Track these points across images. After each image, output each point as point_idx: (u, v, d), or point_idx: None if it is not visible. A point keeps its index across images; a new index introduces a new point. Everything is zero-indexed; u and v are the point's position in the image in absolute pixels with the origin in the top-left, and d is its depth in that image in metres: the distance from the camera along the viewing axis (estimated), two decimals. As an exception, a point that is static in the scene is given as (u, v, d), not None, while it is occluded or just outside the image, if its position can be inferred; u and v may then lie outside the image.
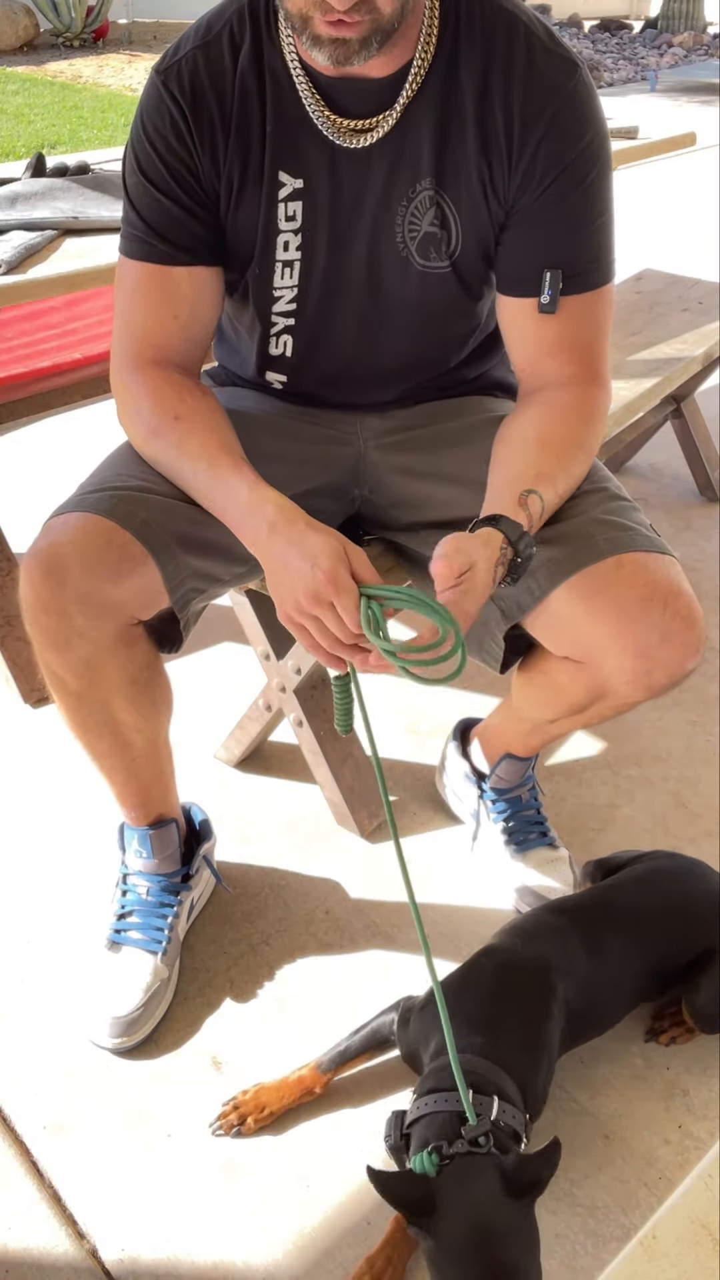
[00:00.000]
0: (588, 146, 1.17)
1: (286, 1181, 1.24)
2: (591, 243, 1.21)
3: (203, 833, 1.55)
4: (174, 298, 1.24)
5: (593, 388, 1.26)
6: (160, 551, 1.20)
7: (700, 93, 10.08)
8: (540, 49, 1.15)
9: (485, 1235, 0.99)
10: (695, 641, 1.20)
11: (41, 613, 1.18)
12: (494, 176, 1.19)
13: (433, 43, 1.15)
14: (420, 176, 1.19)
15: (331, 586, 1.06)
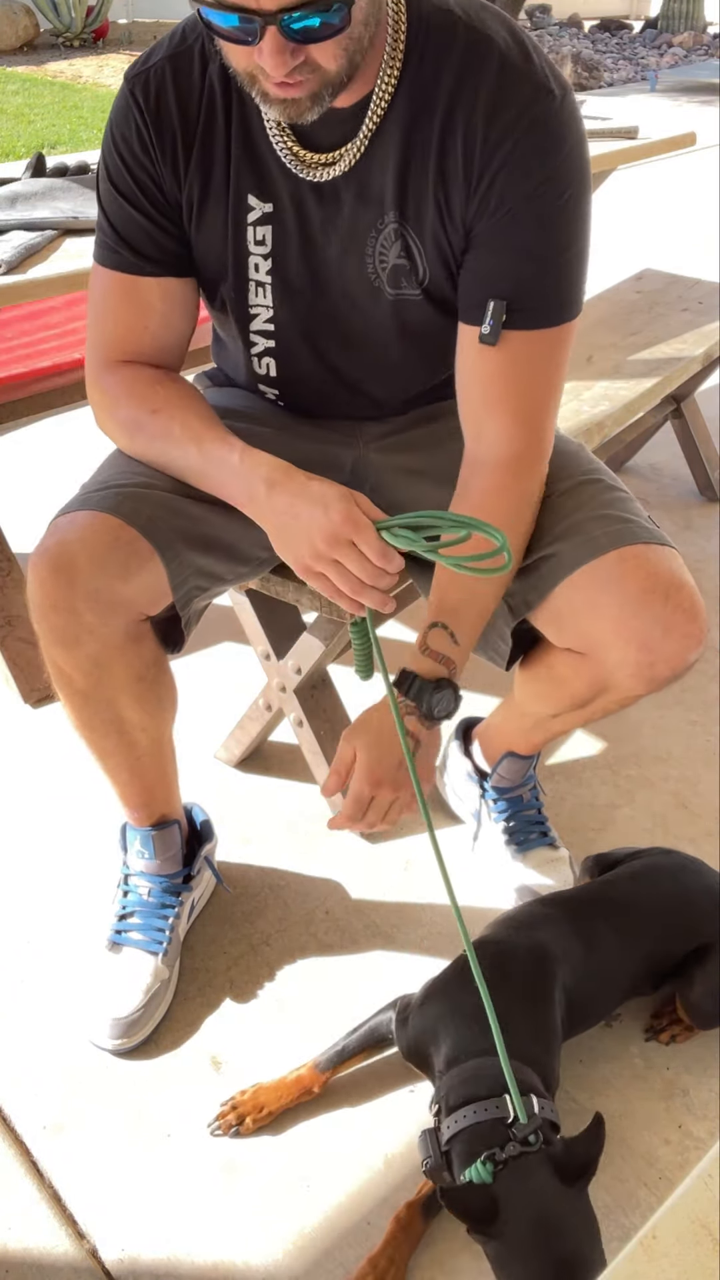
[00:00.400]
0: (552, 176, 1.10)
1: (286, 1181, 1.24)
2: (547, 278, 1.14)
3: (204, 833, 1.55)
4: (143, 308, 1.23)
5: (527, 466, 1.21)
6: (165, 548, 1.20)
7: (700, 93, 10.08)
8: (512, 72, 1.08)
9: (551, 1229, 1.01)
10: (697, 633, 1.20)
11: (51, 610, 1.18)
12: (451, 206, 1.14)
13: (396, 70, 1.09)
14: (385, 210, 1.15)
15: (350, 525, 1.06)
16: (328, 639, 1.54)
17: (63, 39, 10.17)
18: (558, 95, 1.09)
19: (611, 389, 2.04)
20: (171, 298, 1.24)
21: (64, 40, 10.18)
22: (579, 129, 1.12)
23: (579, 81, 10.00)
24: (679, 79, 10.51)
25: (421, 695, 1.18)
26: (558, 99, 1.09)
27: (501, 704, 1.62)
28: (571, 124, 1.10)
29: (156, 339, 1.25)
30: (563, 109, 1.09)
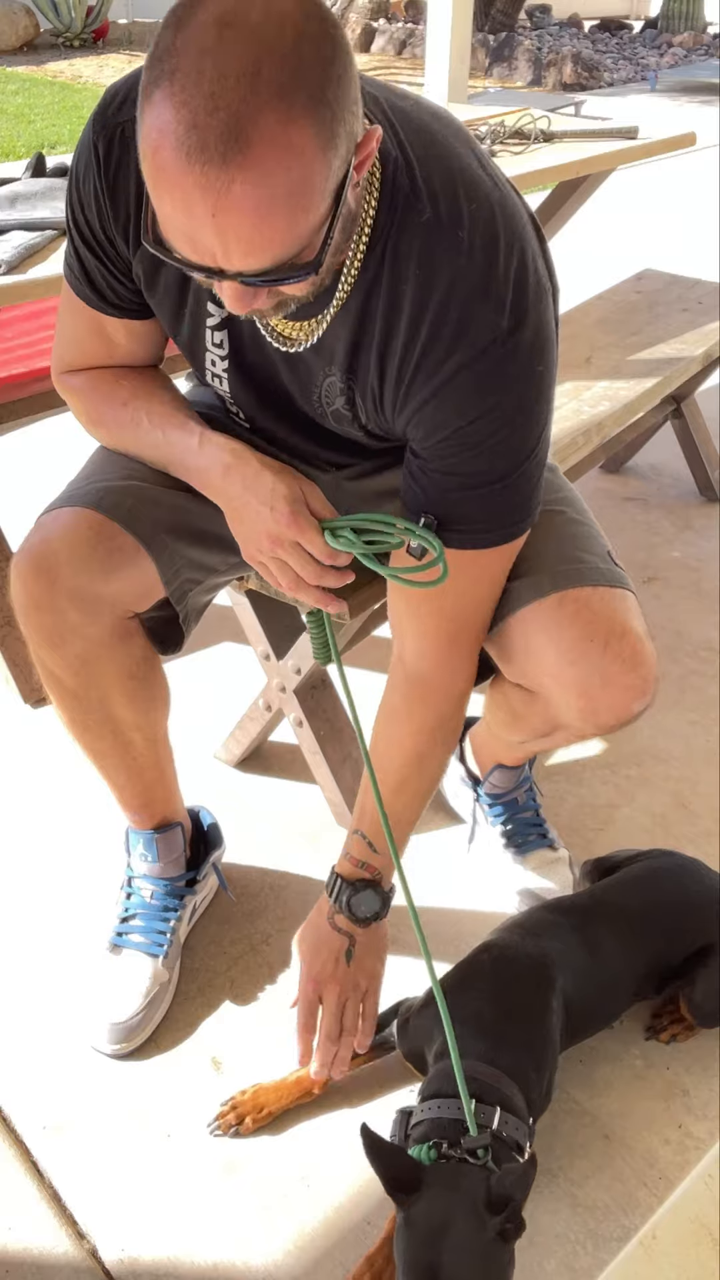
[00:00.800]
0: (481, 418, 1.00)
1: (286, 1181, 1.24)
2: (483, 504, 1.06)
3: (212, 837, 1.55)
4: (106, 340, 1.19)
5: (434, 693, 1.20)
6: (150, 541, 1.20)
7: (700, 93, 10.08)
8: (467, 299, 0.96)
9: (447, 1241, 0.98)
10: (639, 684, 1.16)
11: (34, 610, 1.18)
12: (383, 402, 1.06)
13: (360, 252, 0.98)
14: (333, 365, 1.07)
15: (294, 528, 1.06)
16: (328, 639, 1.54)
17: (63, 39, 10.18)
18: (518, 331, 0.97)
19: (611, 389, 2.04)
20: (137, 336, 1.19)
21: (64, 40, 10.18)
22: (531, 360, 0.99)
23: (579, 81, 10.00)
24: (679, 79, 10.51)
25: (340, 896, 1.28)
26: (506, 334, 0.97)
27: (483, 717, 1.62)
28: (519, 358, 0.98)
29: (122, 363, 1.23)
30: (513, 344, 0.97)
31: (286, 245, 0.81)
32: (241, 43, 0.74)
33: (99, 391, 1.23)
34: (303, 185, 0.78)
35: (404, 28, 11.23)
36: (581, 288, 2.99)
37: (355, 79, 0.82)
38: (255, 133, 0.75)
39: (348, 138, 0.81)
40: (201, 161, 0.75)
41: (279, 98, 0.75)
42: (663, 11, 12.90)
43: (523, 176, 2.30)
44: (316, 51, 0.76)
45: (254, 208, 0.77)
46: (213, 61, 0.74)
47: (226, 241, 0.80)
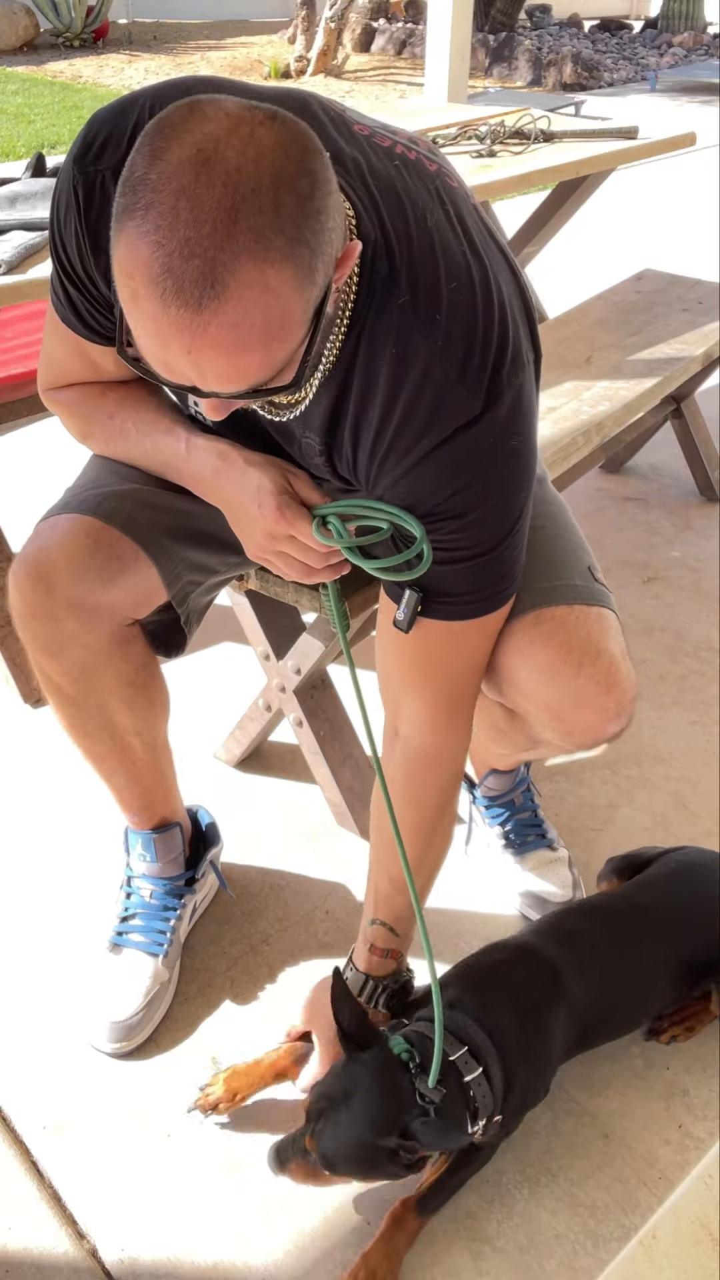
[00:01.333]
0: (456, 494, 0.99)
1: (286, 1181, 1.24)
2: (467, 577, 1.05)
3: (210, 836, 1.55)
4: (91, 363, 1.18)
5: (446, 754, 1.18)
6: (150, 544, 1.20)
7: (700, 93, 10.08)
8: (442, 385, 0.95)
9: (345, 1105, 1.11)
10: (612, 706, 1.15)
11: (32, 619, 1.18)
12: (358, 470, 1.06)
13: (341, 333, 0.97)
14: (310, 430, 1.06)
15: (284, 522, 1.06)
16: (327, 639, 1.54)
17: (63, 39, 10.18)
18: (480, 411, 0.96)
19: (611, 389, 2.04)
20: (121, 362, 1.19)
21: (64, 40, 10.19)
22: (505, 436, 0.98)
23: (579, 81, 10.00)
24: (679, 79, 10.51)
25: (377, 998, 1.26)
26: (479, 415, 0.96)
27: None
28: (492, 435, 0.97)
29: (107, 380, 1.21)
30: (486, 421, 0.96)
31: (263, 372, 0.81)
32: (219, 186, 0.73)
33: (86, 405, 1.22)
34: (280, 322, 0.78)
35: (404, 28, 11.23)
36: (581, 288, 2.99)
37: (333, 202, 0.80)
38: (231, 279, 0.74)
39: (325, 266, 0.80)
40: (177, 305, 0.75)
41: (256, 243, 0.74)
42: (663, 11, 12.90)
43: (523, 176, 2.30)
44: (294, 190, 0.76)
45: (230, 346, 0.77)
46: (189, 204, 0.73)
47: (203, 373, 0.80)
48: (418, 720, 1.16)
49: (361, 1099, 1.11)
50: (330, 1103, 1.12)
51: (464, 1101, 1.12)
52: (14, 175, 2.15)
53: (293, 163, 0.76)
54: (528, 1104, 1.23)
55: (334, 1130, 1.11)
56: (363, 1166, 1.13)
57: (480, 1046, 1.15)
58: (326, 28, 9.37)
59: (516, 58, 10.46)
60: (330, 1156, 1.12)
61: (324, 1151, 1.12)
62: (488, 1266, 1.16)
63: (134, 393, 1.21)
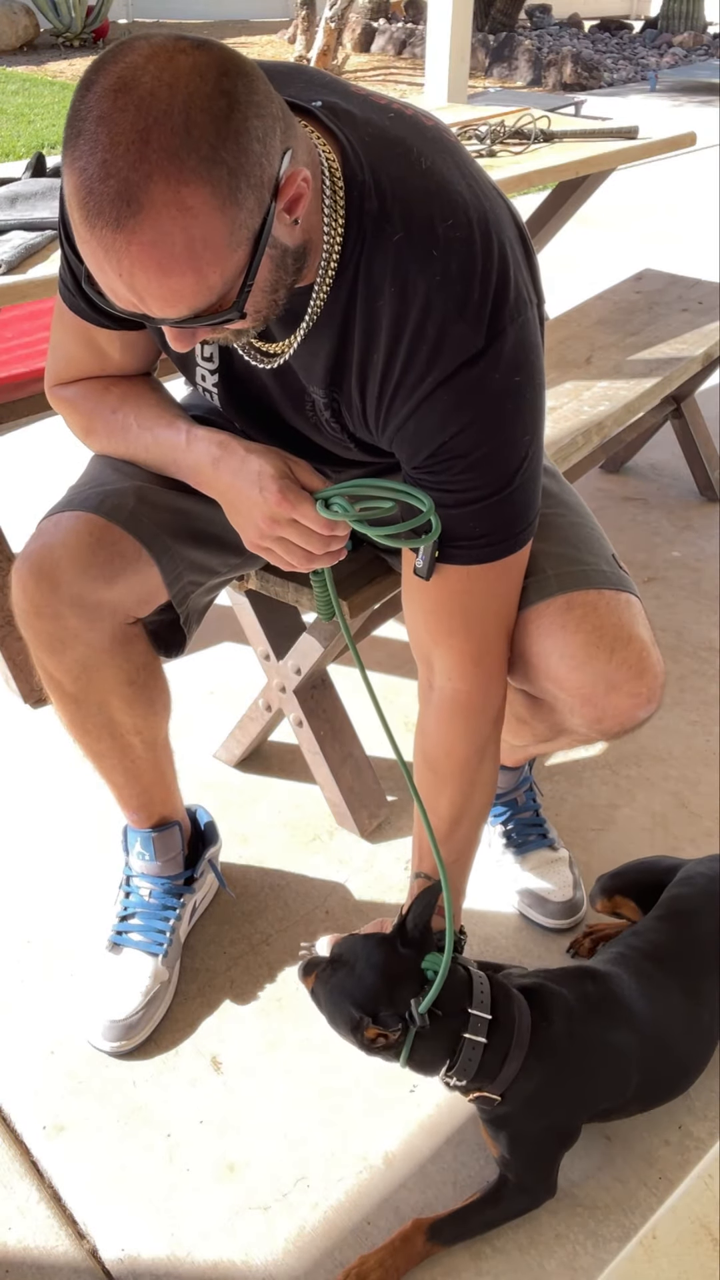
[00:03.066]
0: (462, 432, 0.99)
1: (286, 1181, 1.24)
2: (481, 519, 1.05)
3: (208, 835, 1.55)
4: (99, 352, 1.20)
5: (479, 702, 1.16)
6: (153, 543, 1.20)
7: (700, 93, 10.08)
8: (443, 318, 0.95)
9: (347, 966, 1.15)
10: (645, 691, 1.16)
11: (35, 616, 1.18)
12: (368, 418, 1.06)
13: (330, 271, 0.98)
14: (316, 384, 1.07)
15: (286, 505, 1.06)
16: (327, 639, 1.54)
17: (63, 39, 10.18)
18: (483, 346, 0.96)
19: (611, 389, 2.04)
20: (129, 348, 1.20)
21: (64, 40, 10.18)
22: (509, 372, 0.98)
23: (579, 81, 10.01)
24: (679, 79, 10.51)
25: None
26: (482, 350, 0.96)
27: None
28: (496, 371, 0.97)
29: (113, 374, 1.23)
30: (490, 358, 0.96)
31: (200, 296, 0.83)
32: (133, 110, 0.76)
33: (90, 400, 1.23)
34: (204, 242, 0.80)
35: (404, 28, 11.23)
36: (581, 288, 2.99)
37: (264, 126, 0.81)
38: (145, 197, 0.76)
39: (255, 188, 0.81)
40: (100, 224, 0.78)
41: (168, 162, 0.76)
42: (663, 11, 12.90)
43: (523, 176, 2.30)
44: (207, 111, 0.77)
45: (156, 266, 0.80)
46: (106, 129, 0.76)
47: (140, 295, 0.83)
48: (447, 670, 1.16)
49: (362, 970, 1.14)
50: (345, 956, 1.16)
51: (448, 1049, 1.13)
52: (14, 175, 2.15)
53: (208, 84, 0.77)
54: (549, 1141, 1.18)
55: (330, 979, 1.16)
56: (333, 1021, 1.17)
57: (510, 1026, 1.14)
58: (326, 28, 9.36)
59: (516, 58, 10.46)
60: (318, 999, 1.18)
61: (316, 990, 1.17)
62: (488, 1266, 1.16)
63: (137, 388, 1.22)
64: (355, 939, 1.19)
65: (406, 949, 1.15)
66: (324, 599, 1.21)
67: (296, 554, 1.10)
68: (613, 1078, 1.20)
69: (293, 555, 1.10)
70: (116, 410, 1.21)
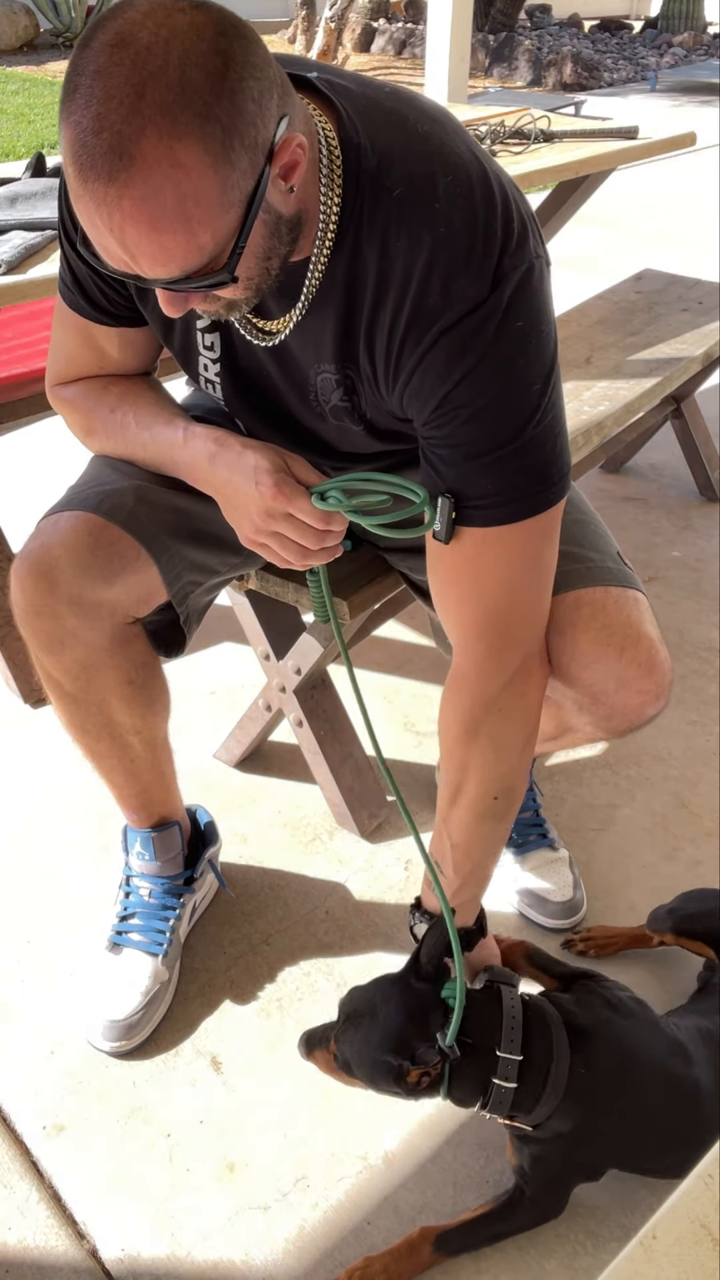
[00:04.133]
0: (465, 379, 0.97)
1: (286, 1181, 1.24)
2: (492, 474, 1.01)
3: (208, 835, 1.55)
4: (98, 351, 1.20)
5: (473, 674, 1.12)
6: (152, 542, 1.20)
7: (700, 93, 10.08)
8: (449, 269, 0.94)
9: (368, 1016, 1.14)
10: (653, 689, 1.16)
11: (34, 616, 1.18)
12: (378, 380, 1.05)
13: (328, 242, 0.97)
14: (324, 360, 1.06)
15: (281, 498, 1.06)
16: (327, 639, 1.54)
17: (63, 39, 10.17)
18: (486, 293, 0.95)
19: (611, 389, 2.04)
20: (129, 345, 1.20)
21: (64, 40, 10.18)
22: (510, 317, 0.96)
23: (579, 81, 10.01)
24: (679, 79, 10.51)
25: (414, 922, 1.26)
26: (485, 297, 0.95)
27: None
28: (496, 317, 0.95)
29: (113, 373, 1.23)
30: (491, 304, 0.95)
31: (191, 256, 0.83)
32: (128, 65, 0.76)
33: (89, 399, 1.23)
34: (195, 199, 0.80)
35: (404, 28, 11.23)
36: (581, 288, 2.99)
37: (260, 88, 0.81)
38: (138, 151, 0.77)
39: (249, 149, 0.81)
40: (93, 177, 0.78)
41: (161, 117, 0.76)
42: (663, 11, 12.91)
43: (523, 176, 2.30)
44: (203, 68, 0.77)
45: (147, 222, 0.80)
46: (102, 83, 0.76)
47: (131, 253, 0.83)
48: (456, 642, 1.13)
49: (385, 1016, 1.12)
50: (360, 1009, 1.15)
51: (479, 1089, 1.12)
52: (14, 175, 2.15)
53: (204, 42, 0.78)
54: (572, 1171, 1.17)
55: (354, 1036, 1.14)
56: (371, 1078, 1.14)
57: (545, 1068, 1.11)
58: (326, 28, 9.36)
59: (516, 58, 10.46)
60: (347, 1060, 1.15)
61: (342, 1054, 1.15)
62: (487, 1266, 1.16)
63: (136, 388, 1.22)
64: (361, 990, 1.17)
65: (422, 983, 1.14)
66: (319, 600, 1.21)
67: (291, 549, 1.09)
68: (657, 1145, 1.15)
69: (288, 551, 1.10)
70: (115, 409, 1.21)
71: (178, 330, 1.14)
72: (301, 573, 1.44)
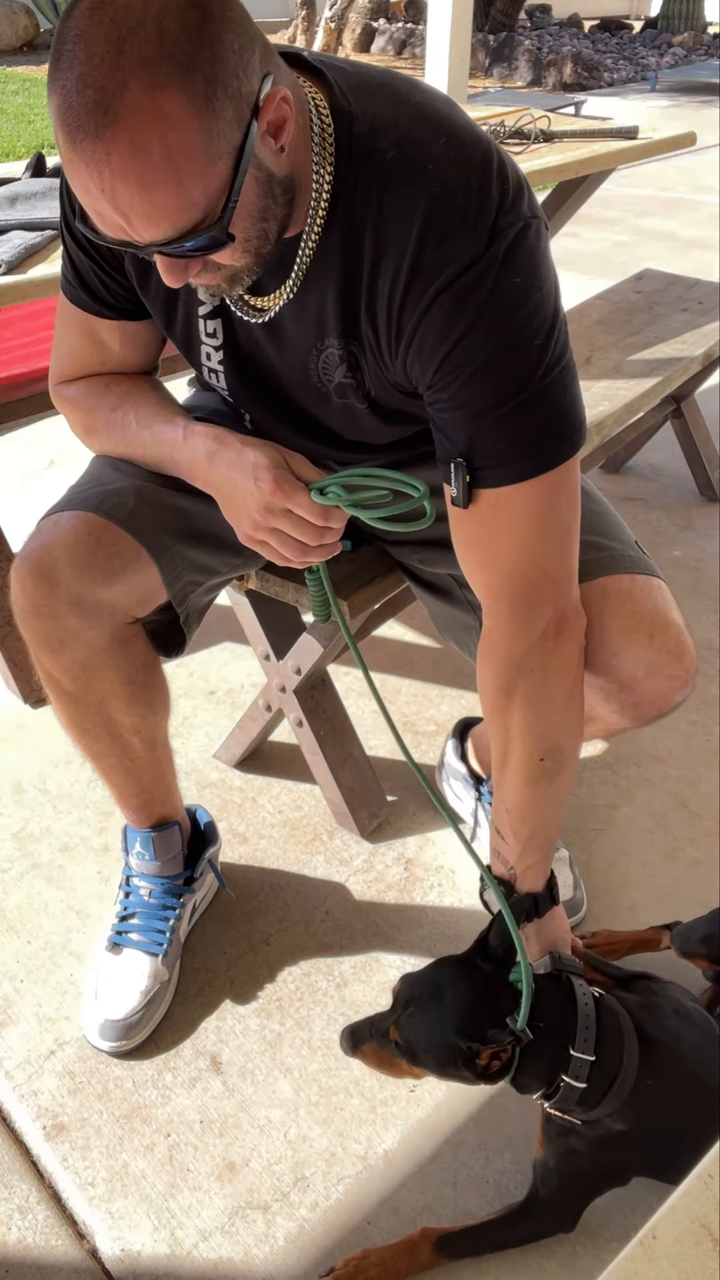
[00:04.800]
0: (465, 337, 0.97)
1: (287, 1181, 1.24)
2: (501, 432, 1.01)
3: (208, 835, 1.55)
4: (100, 346, 1.21)
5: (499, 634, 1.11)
6: (152, 542, 1.20)
7: (700, 93, 10.08)
8: (445, 228, 0.94)
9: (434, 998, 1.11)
10: (683, 674, 1.16)
11: (34, 616, 1.18)
12: (380, 348, 1.05)
13: (321, 213, 0.98)
14: (326, 334, 1.06)
15: (281, 494, 1.06)
16: (327, 639, 1.54)
17: (63, 39, 10.16)
18: (482, 251, 0.95)
19: (611, 389, 2.04)
20: (131, 340, 1.21)
21: (64, 40, 10.17)
22: (506, 273, 0.96)
23: (579, 81, 10.01)
24: (679, 79, 10.52)
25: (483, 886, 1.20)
26: (481, 254, 0.95)
27: None
28: (492, 273, 0.95)
29: (115, 369, 1.24)
30: (486, 261, 0.95)
31: (182, 211, 0.84)
32: (107, 23, 0.78)
33: (91, 398, 1.23)
34: (182, 150, 0.81)
35: (404, 28, 11.24)
36: (581, 288, 2.99)
37: (240, 42, 0.82)
38: (121, 104, 0.78)
39: (234, 99, 0.82)
40: (79, 138, 0.79)
41: (142, 68, 0.77)
42: (663, 11, 12.91)
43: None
44: (180, 20, 0.79)
45: (136, 176, 0.80)
46: (83, 45, 0.78)
47: (124, 213, 0.83)
48: (485, 608, 1.12)
49: (453, 998, 1.09)
50: (423, 992, 1.11)
51: (547, 1078, 1.10)
52: (14, 175, 2.15)
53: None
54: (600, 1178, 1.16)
55: (421, 1020, 1.10)
56: (440, 1063, 1.10)
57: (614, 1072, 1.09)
58: (326, 28, 9.37)
59: (516, 58, 10.46)
60: (412, 1044, 1.11)
61: (406, 1039, 1.11)
62: (488, 1266, 1.16)
63: (137, 387, 1.22)
64: (421, 975, 1.14)
65: (488, 964, 1.12)
66: (319, 600, 1.21)
67: (291, 546, 1.09)
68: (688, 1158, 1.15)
69: (287, 547, 1.10)
70: (117, 408, 1.21)
71: (180, 319, 1.15)
72: (301, 573, 1.44)
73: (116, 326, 1.18)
